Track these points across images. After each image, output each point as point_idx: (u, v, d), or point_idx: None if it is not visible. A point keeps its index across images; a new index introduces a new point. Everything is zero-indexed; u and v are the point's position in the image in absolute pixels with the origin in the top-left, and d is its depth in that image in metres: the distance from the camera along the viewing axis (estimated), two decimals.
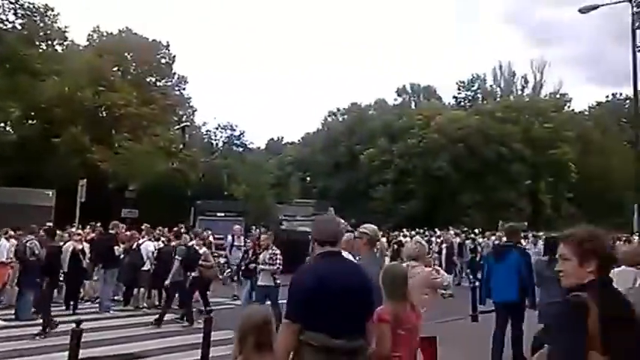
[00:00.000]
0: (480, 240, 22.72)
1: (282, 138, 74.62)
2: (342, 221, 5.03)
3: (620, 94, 58.87)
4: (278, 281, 9.81)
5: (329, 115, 63.55)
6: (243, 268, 13.14)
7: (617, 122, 53.47)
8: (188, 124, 40.62)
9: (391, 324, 3.93)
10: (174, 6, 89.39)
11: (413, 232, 25.54)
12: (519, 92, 59.78)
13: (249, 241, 16.69)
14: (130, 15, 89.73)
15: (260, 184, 42.49)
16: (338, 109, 62.72)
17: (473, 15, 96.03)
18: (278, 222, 24.76)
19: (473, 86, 63.64)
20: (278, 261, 9.99)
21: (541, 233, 23.50)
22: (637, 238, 16.03)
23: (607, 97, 62.26)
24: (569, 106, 57.81)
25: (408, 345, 4.11)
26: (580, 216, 46.90)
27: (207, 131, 49.68)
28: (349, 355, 3.42)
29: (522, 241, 13.88)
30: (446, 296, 6.42)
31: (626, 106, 53.33)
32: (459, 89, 63.51)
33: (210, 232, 17.32)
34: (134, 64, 41.05)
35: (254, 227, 23.66)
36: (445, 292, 6.37)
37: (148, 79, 41.81)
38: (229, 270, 17.65)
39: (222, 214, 23.11)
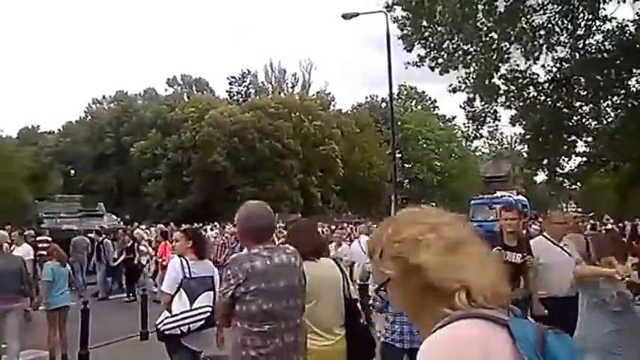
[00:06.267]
0: None
1: (39, 127, 66.57)
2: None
3: (377, 96, 64.27)
4: None
5: (93, 103, 58.83)
6: None
7: (375, 122, 58.26)
8: None
9: None
10: None
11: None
12: (290, 90, 61.87)
13: None
14: None
15: (12, 178, 37.12)
16: (104, 97, 58.34)
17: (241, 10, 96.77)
18: (38, 220, 22.16)
19: (245, 81, 64.28)
20: None
21: None
22: None
23: (366, 97, 67.70)
24: (334, 105, 61.66)
25: None
26: (346, 207, 50.52)
27: None
28: None
29: None
30: None
31: (383, 106, 58.55)
32: (230, 84, 63.67)
33: None
34: None
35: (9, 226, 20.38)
36: None
37: None
38: None
39: None
